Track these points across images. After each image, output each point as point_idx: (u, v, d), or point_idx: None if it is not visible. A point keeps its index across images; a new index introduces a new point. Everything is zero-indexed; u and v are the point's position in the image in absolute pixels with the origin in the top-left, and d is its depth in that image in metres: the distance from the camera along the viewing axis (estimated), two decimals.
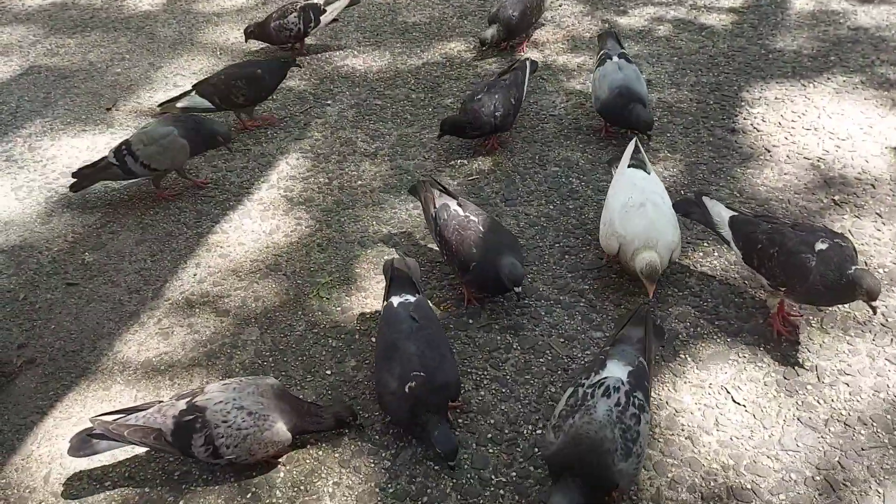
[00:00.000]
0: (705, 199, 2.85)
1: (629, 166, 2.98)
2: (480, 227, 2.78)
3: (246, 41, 4.58)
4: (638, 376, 2.14)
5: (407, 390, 2.26)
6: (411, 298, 2.51)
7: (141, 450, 2.38)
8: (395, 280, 2.59)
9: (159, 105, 4.04)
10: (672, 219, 2.80)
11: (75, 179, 3.44)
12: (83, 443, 2.27)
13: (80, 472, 2.35)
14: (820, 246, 2.42)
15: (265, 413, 2.22)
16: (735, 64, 4.20)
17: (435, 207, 2.89)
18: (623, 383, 2.09)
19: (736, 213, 2.74)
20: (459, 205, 2.88)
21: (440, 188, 2.98)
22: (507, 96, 3.53)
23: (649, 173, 2.97)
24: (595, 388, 2.08)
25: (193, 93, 3.85)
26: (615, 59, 3.63)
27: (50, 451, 2.42)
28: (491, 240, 2.75)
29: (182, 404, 2.25)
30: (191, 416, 2.21)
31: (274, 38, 4.51)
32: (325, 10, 4.52)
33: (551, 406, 2.46)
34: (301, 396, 2.53)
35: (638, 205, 2.77)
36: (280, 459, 2.34)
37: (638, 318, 2.36)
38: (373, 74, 4.36)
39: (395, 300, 2.51)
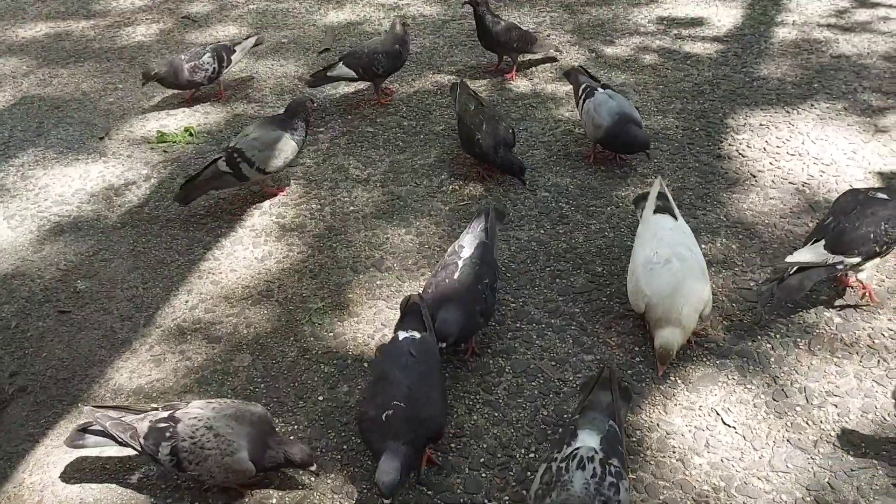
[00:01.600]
0: None
1: (655, 211, 2.89)
2: (455, 272, 2.72)
3: (143, 85, 4.42)
4: (611, 442, 2.08)
5: (384, 418, 2.22)
6: (416, 335, 2.47)
7: (133, 478, 2.37)
8: (408, 315, 2.56)
9: (311, 75, 4.35)
10: (701, 272, 2.68)
11: (183, 192, 3.50)
12: (75, 435, 2.37)
13: (72, 500, 2.34)
14: None
15: (231, 439, 2.23)
16: (720, 91, 4.28)
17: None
18: (597, 451, 2.02)
19: None
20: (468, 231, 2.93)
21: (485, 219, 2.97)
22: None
23: (677, 219, 2.86)
24: (569, 461, 2.01)
25: (341, 63, 4.19)
26: (600, 90, 3.69)
27: (42, 479, 2.41)
28: (447, 289, 2.67)
29: (164, 413, 2.31)
30: (164, 424, 2.27)
31: (184, 80, 4.34)
32: (234, 51, 4.49)
33: (543, 430, 2.47)
34: (293, 423, 2.53)
35: (664, 261, 2.66)
36: (247, 490, 2.32)
37: (603, 382, 2.29)
38: (365, 102, 4.41)
39: (401, 334, 2.49)
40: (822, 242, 2.70)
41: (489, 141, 3.53)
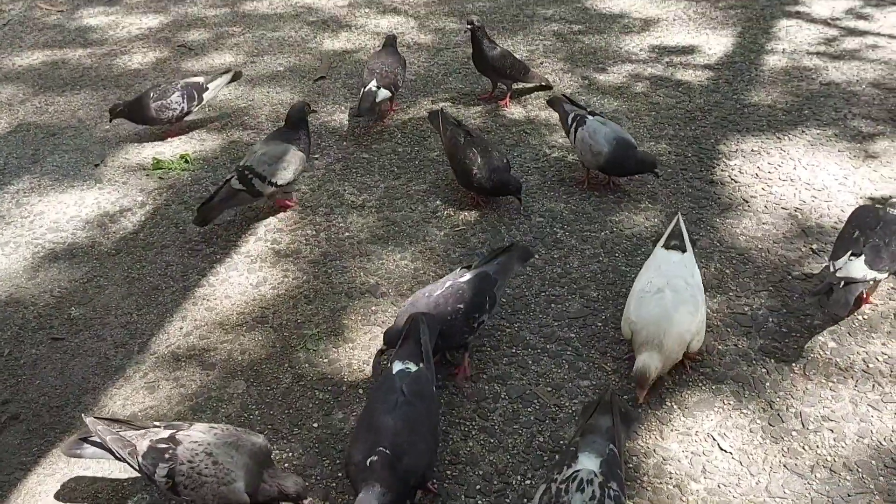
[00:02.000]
0: None
1: (664, 247, 2.90)
2: (437, 290, 2.74)
3: (110, 121, 4.43)
4: (610, 465, 2.08)
5: (368, 464, 2.15)
6: (412, 368, 2.40)
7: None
8: (405, 342, 2.50)
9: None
10: (694, 303, 2.65)
11: (200, 215, 3.52)
12: (74, 443, 2.36)
13: None
14: None
15: (229, 468, 2.21)
16: (711, 118, 4.32)
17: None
18: (596, 475, 2.02)
19: None
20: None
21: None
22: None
23: (685, 251, 2.85)
24: (568, 483, 2.01)
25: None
26: (590, 117, 3.69)
27: None
28: (418, 302, 2.72)
29: (165, 433, 2.29)
30: (164, 445, 2.25)
31: (151, 118, 4.29)
32: (207, 88, 4.39)
33: (540, 455, 2.46)
34: (288, 451, 2.52)
35: (656, 290, 2.67)
36: None
37: (605, 406, 2.28)
38: (360, 129, 4.44)
39: (396, 366, 2.41)
40: (862, 258, 2.75)
41: (486, 174, 3.53)
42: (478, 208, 3.67)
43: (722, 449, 2.44)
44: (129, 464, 2.28)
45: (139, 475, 2.32)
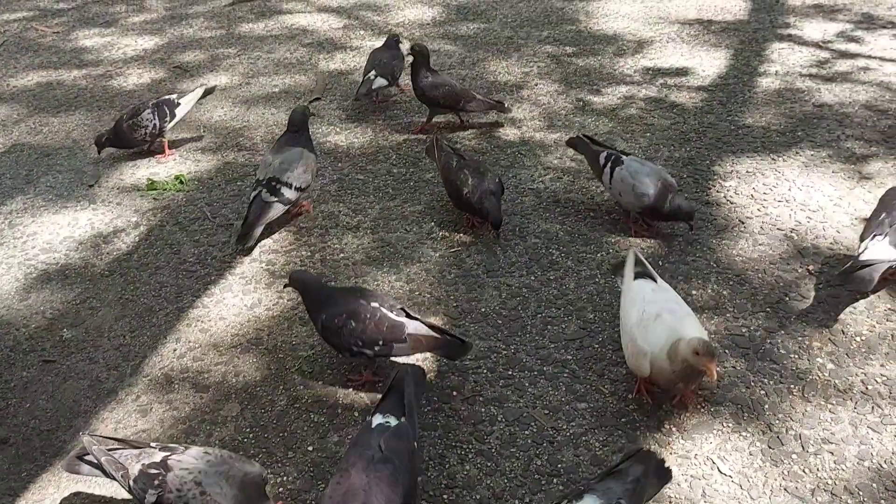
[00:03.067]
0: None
1: (635, 277, 2.81)
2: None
3: (99, 153, 4.36)
4: None
5: None
6: (392, 422, 2.29)
7: None
8: (390, 393, 2.41)
9: None
10: (693, 321, 2.61)
11: (242, 236, 3.54)
12: (72, 462, 2.36)
13: None
14: None
15: (217, 500, 2.16)
16: (706, 139, 4.33)
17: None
18: None
19: None
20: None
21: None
22: None
23: (657, 281, 2.80)
24: None
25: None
26: (625, 156, 3.55)
27: None
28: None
29: (158, 456, 2.25)
30: (155, 471, 2.21)
31: (128, 139, 4.31)
32: (179, 104, 4.39)
33: (538, 479, 2.43)
34: (283, 475, 2.48)
35: (654, 316, 2.59)
36: None
37: (642, 456, 2.18)
38: (355, 150, 4.44)
39: (376, 419, 2.31)
40: (887, 239, 2.95)
41: (476, 195, 3.52)
42: (473, 228, 3.66)
43: (721, 472, 2.42)
44: (122, 486, 2.25)
45: (130, 498, 2.28)
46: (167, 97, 4.43)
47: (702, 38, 5.66)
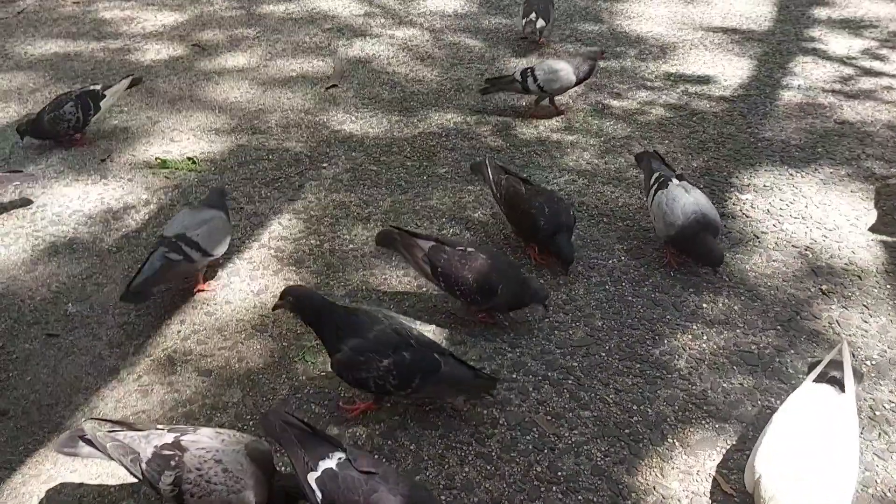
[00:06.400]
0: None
1: (815, 380, 2.41)
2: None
3: (21, 140, 4.19)
4: None
5: None
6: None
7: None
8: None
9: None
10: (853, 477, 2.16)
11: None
12: (70, 440, 2.29)
13: None
14: None
15: (240, 477, 2.16)
16: (724, 150, 4.29)
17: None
18: None
19: None
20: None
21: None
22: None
23: (844, 391, 2.35)
24: None
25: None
26: (675, 181, 3.34)
27: None
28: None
29: (169, 437, 2.22)
30: (170, 452, 2.18)
31: (48, 132, 4.16)
32: (104, 96, 4.24)
33: (536, 486, 2.41)
34: (280, 466, 2.47)
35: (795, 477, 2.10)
36: None
37: None
38: (369, 140, 4.41)
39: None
40: None
41: (551, 229, 3.26)
42: (484, 227, 3.63)
43: (724, 491, 2.39)
44: (129, 471, 2.22)
45: (137, 481, 2.26)
46: (92, 88, 4.27)
47: (725, 47, 5.61)
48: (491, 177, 3.52)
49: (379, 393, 2.59)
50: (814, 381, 2.42)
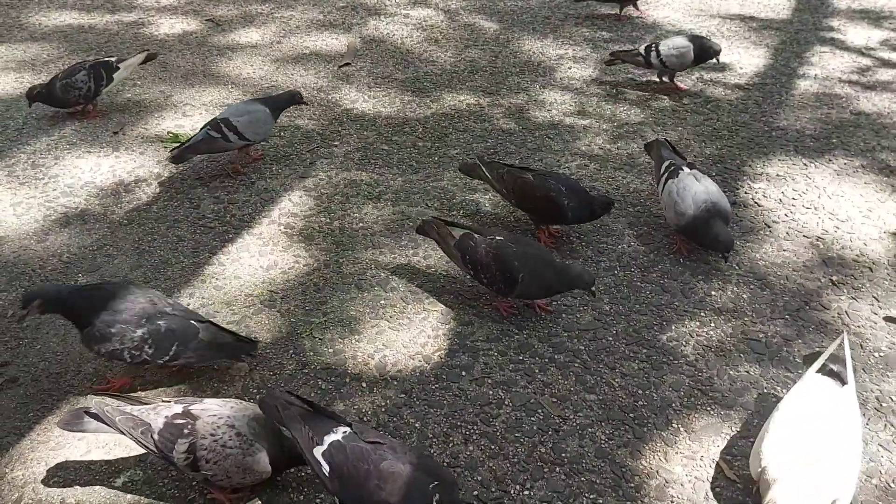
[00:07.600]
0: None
1: (819, 370, 2.42)
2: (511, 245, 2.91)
3: (30, 106, 4.21)
4: None
5: None
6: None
7: (118, 481, 2.32)
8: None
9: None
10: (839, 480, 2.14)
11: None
12: (76, 418, 2.29)
13: (53, 499, 2.28)
14: None
15: (252, 440, 2.19)
16: (738, 138, 4.26)
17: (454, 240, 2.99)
18: None
19: None
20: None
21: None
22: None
23: (845, 383, 2.37)
24: None
25: None
26: (686, 169, 3.33)
27: (24, 475, 2.35)
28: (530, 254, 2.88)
29: (178, 408, 2.24)
30: (182, 421, 2.20)
31: (60, 99, 4.17)
32: (118, 68, 4.26)
33: (540, 467, 2.42)
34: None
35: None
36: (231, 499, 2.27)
37: None
38: (382, 119, 4.40)
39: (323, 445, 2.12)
40: None
41: (576, 203, 3.27)
42: (494, 209, 3.62)
43: (727, 477, 2.40)
44: (140, 443, 2.23)
45: (144, 451, 2.28)
46: (106, 59, 4.28)
47: (742, 35, 5.56)
48: (489, 175, 3.44)
49: (135, 363, 2.58)
50: (816, 371, 2.43)
